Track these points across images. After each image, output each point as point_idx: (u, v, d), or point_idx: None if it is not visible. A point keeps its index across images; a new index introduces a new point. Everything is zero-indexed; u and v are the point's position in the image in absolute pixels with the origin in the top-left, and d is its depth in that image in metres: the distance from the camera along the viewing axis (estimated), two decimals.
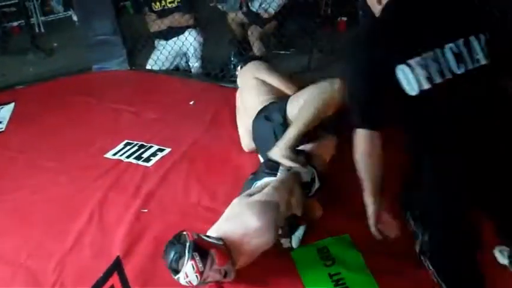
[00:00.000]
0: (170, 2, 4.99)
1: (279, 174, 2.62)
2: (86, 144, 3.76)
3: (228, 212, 2.50)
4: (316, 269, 2.44)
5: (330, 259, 2.48)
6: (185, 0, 5.02)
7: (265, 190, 2.49)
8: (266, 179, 2.63)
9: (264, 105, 3.01)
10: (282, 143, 2.71)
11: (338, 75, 2.74)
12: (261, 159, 3.02)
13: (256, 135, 3.02)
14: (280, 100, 2.98)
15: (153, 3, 5.00)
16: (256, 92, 3.12)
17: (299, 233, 2.54)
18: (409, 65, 1.82)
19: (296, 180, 2.58)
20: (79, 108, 4.37)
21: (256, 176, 2.71)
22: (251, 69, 3.31)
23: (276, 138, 2.79)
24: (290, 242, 2.52)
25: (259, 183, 2.64)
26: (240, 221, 2.36)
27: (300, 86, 3.03)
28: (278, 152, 2.69)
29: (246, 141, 3.26)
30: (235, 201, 2.51)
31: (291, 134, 2.72)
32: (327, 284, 2.35)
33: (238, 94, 3.45)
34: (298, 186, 2.57)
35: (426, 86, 1.82)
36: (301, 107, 2.74)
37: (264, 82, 3.16)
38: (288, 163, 2.63)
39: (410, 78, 1.82)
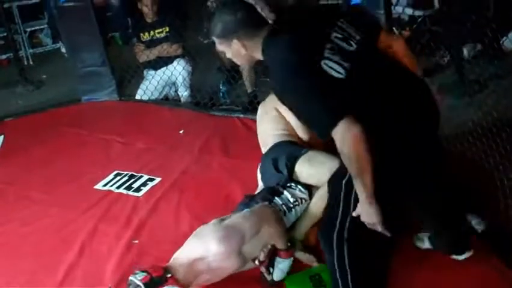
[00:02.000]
0: (158, 33, 5.04)
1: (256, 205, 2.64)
2: (76, 176, 3.76)
3: (197, 230, 2.54)
4: None
5: (322, 285, 2.48)
6: (173, 30, 5.08)
7: (235, 217, 2.52)
8: None
9: (277, 140, 3.01)
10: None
11: None
12: (260, 185, 3.03)
13: (262, 174, 3.02)
14: (290, 145, 2.97)
15: (141, 34, 5.06)
16: (275, 124, 3.11)
17: (283, 265, 2.51)
18: (327, 58, 1.94)
19: (276, 212, 2.59)
20: (69, 140, 4.37)
21: (249, 203, 2.72)
22: (274, 100, 3.29)
23: None
24: (271, 273, 2.50)
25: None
26: (202, 242, 2.41)
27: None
28: None
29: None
30: (210, 223, 2.55)
31: (301, 231, 2.72)
32: None
33: (260, 110, 3.38)
34: (281, 219, 2.58)
35: (344, 68, 1.94)
36: (314, 203, 2.71)
37: (282, 116, 3.14)
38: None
39: (334, 67, 1.93)
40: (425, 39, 4.42)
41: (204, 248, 2.38)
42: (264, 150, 3.11)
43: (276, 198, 2.68)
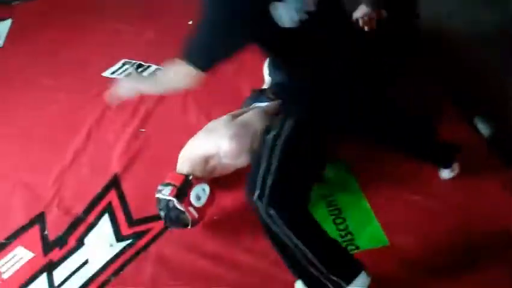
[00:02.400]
0: None
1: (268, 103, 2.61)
2: (84, 63, 3.72)
3: (208, 126, 2.53)
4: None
5: (324, 181, 2.49)
6: None
7: (248, 114, 2.52)
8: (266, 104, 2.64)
9: None
10: None
11: None
12: (266, 81, 2.98)
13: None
14: None
15: None
16: None
17: None
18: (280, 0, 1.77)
19: None
20: (77, 26, 4.28)
21: (258, 97, 2.70)
22: None
23: None
24: None
25: (257, 105, 2.64)
26: (214, 139, 2.41)
27: None
28: None
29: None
30: (222, 117, 2.54)
31: None
32: (319, 204, 2.39)
33: None
34: None
35: (296, 18, 1.79)
36: None
37: None
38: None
39: (283, 13, 1.78)
40: None
41: (216, 145, 2.39)
42: None
43: None
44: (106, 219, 2.49)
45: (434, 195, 2.36)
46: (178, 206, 2.24)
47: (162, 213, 2.28)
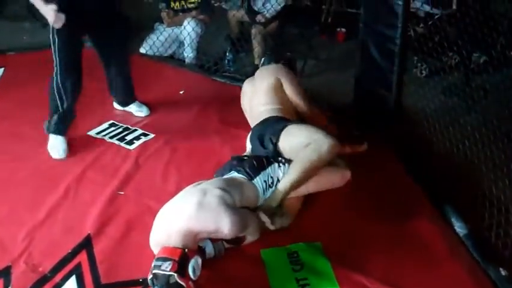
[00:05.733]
0: (190, 3, 5.03)
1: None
2: None
3: (196, 195, 2.45)
4: (284, 273, 2.46)
5: (299, 264, 2.50)
6: (205, 1, 5.11)
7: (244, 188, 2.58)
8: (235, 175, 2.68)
9: (267, 115, 3.03)
10: (270, 200, 2.68)
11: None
12: (248, 149, 3.07)
13: (252, 145, 3.02)
14: (279, 121, 2.97)
15: (172, 2, 5.03)
16: (269, 96, 3.13)
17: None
18: None
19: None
20: None
21: (236, 166, 2.74)
22: (278, 69, 3.28)
23: None
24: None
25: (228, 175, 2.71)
26: (211, 218, 2.34)
27: (309, 109, 3.17)
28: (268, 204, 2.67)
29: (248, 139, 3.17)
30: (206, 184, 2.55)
31: (285, 185, 2.66)
32: (292, 285, 2.38)
33: (248, 84, 3.41)
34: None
35: None
36: (292, 165, 2.70)
37: (280, 88, 3.16)
38: (265, 219, 2.61)
39: None
40: (437, 38, 4.41)
41: (215, 225, 2.34)
42: (250, 122, 3.13)
43: (256, 177, 2.65)
44: (72, 281, 2.42)
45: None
46: (180, 281, 2.19)
47: None
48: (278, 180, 2.69)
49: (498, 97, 3.88)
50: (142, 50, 5.10)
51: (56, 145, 3.35)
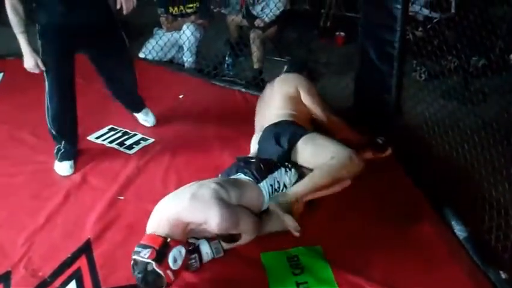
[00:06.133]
0: (188, 8, 5.03)
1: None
2: None
3: (192, 187, 2.52)
4: (284, 276, 2.46)
5: (299, 268, 2.50)
6: (204, 5, 5.10)
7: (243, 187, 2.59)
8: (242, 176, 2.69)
9: (281, 118, 3.03)
10: (288, 195, 2.67)
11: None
12: (252, 151, 3.07)
13: (261, 145, 3.02)
14: (297, 127, 2.98)
15: (171, 7, 5.02)
16: (285, 102, 3.14)
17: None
18: None
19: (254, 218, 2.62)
20: None
21: (243, 168, 2.74)
22: (299, 79, 3.29)
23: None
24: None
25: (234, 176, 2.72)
26: (201, 209, 2.39)
27: (328, 118, 3.18)
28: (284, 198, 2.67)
29: (254, 141, 3.18)
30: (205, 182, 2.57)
31: (298, 191, 2.67)
32: None
33: (267, 87, 3.41)
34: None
35: None
36: (311, 174, 2.71)
37: (298, 98, 3.17)
38: (279, 212, 2.61)
39: None
40: (436, 41, 4.42)
41: (204, 217, 2.38)
42: (262, 123, 3.11)
43: (263, 181, 2.66)
44: (72, 286, 2.42)
45: None
46: (157, 269, 2.20)
47: (139, 276, 2.23)
48: (284, 185, 2.71)
49: (497, 100, 3.89)
50: (141, 55, 5.10)
51: (63, 167, 3.26)
